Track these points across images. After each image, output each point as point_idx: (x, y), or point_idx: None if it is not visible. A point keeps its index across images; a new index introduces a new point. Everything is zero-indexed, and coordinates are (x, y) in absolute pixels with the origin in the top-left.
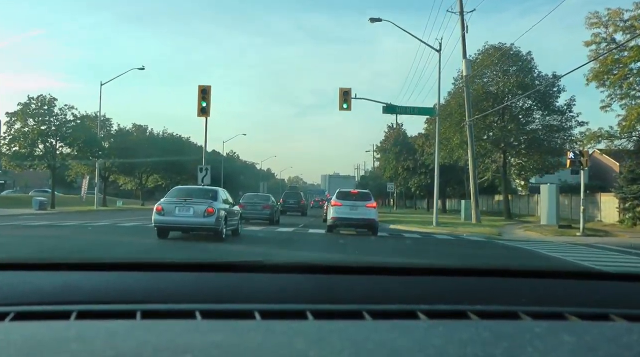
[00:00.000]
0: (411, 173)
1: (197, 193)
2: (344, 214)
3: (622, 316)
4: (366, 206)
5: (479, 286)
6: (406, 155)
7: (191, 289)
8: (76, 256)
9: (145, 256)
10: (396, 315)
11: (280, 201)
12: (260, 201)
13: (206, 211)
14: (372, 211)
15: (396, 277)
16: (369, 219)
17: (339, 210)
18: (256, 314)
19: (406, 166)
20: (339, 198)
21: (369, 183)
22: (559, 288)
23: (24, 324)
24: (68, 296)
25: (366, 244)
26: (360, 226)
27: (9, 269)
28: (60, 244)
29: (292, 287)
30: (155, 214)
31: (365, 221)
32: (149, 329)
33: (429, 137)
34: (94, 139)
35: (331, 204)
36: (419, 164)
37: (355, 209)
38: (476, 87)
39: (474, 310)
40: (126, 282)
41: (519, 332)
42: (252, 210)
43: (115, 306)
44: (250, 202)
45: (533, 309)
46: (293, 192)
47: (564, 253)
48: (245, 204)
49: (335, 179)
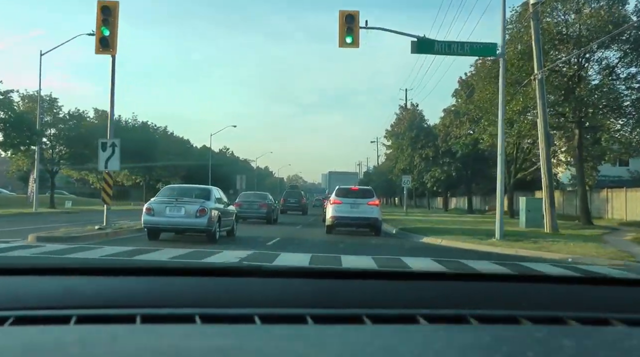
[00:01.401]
0: (430, 164)
1: (190, 192)
2: (344, 212)
3: (622, 320)
4: (368, 203)
5: (479, 290)
6: (425, 141)
7: (191, 293)
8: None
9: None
10: (396, 319)
11: (282, 200)
12: (257, 199)
13: (198, 212)
14: (374, 209)
15: (396, 282)
16: (371, 218)
17: (339, 208)
18: (256, 319)
19: (424, 155)
20: (339, 195)
21: (373, 180)
22: (559, 293)
23: (24, 329)
24: (68, 300)
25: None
26: (361, 226)
27: (8, 274)
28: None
29: (292, 291)
30: (144, 215)
31: (367, 220)
32: (149, 333)
33: (460, 114)
34: (25, 121)
35: (330, 202)
36: (441, 153)
37: (356, 207)
38: (546, 26)
39: (474, 314)
40: (126, 287)
41: (519, 337)
42: (249, 209)
43: (115, 310)
44: (247, 200)
45: (533, 313)
46: (294, 192)
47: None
48: (242, 202)
49: (336, 176)
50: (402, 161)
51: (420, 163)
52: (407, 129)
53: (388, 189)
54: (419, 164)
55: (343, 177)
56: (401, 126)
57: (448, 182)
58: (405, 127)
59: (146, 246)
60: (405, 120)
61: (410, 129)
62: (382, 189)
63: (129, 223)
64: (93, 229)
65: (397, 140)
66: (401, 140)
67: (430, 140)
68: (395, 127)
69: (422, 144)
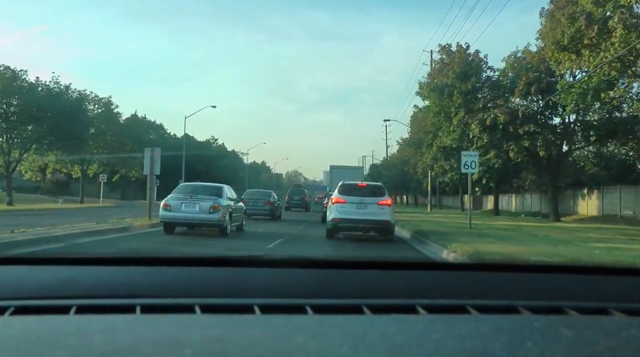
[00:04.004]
0: (501, 136)
1: (203, 190)
2: (348, 213)
3: (622, 310)
4: (378, 203)
5: (478, 280)
6: (490, 95)
7: (191, 283)
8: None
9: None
10: (396, 309)
11: (286, 197)
12: (262, 197)
13: (211, 208)
14: (385, 210)
15: (396, 272)
16: (381, 221)
17: (343, 209)
18: (256, 309)
19: (491, 118)
20: (343, 193)
21: (382, 174)
22: (558, 282)
23: (24, 319)
24: (67, 290)
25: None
26: (370, 229)
27: (8, 264)
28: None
29: (292, 281)
30: (162, 210)
31: (376, 222)
32: (149, 323)
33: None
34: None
35: (332, 200)
36: (525, 116)
37: (363, 207)
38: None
39: (473, 304)
40: (126, 277)
41: (519, 327)
42: (254, 206)
43: (115, 300)
44: (252, 198)
45: (532, 303)
46: (298, 190)
47: None
48: (247, 199)
49: (338, 171)
50: (448, 133)
51: (482, 135)
52: (457, 78)
53: (401, 185)
54: (478, 134)
55: (346, 173)
56: (447, 75)
57: (502, 170)
58: (453, 75)
59: None
60: (454, 65)
61: (464, 77)
62: (393, 185)
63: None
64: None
65: (438, 97)
66: (445, 100)
67: (498, 95)
68: (436, 78)
69: (483, 103)
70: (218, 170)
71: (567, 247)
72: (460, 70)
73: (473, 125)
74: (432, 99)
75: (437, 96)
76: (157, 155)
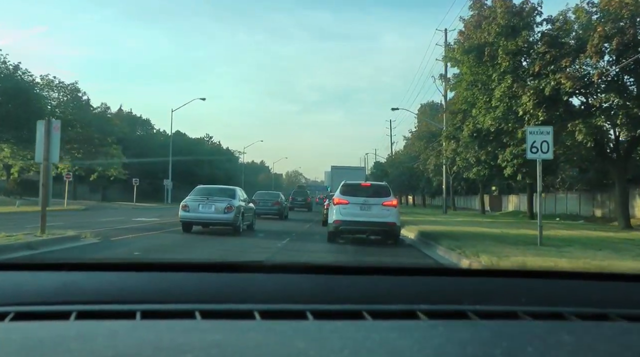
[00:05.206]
0: (563, 112)
1: (218, 192)
2: (351, 215)
3: (622, 316)
4: (383, 204)
5: (478, 286)
6: (550, 56)
7: (191, 289)
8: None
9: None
10: (396, 315)
11: (290, 198)
12: (271, 198)
13: (226, 208)
14: (391, 212)
15: (396, 278)
16: (386, 223)
17: (345, 210)
18: (256, 314)
19: (551, 86)
20: (345, 193)
21: (388, 172)
22: (558, 288)
23: (24, 324)
24: (68, 296)
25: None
26: (374, 232)
27: (8, 269)
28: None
29: (292, 287)
30: (181, 211)
31: (381, 225)
32: (149, 329)
33: None
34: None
35: (334, 201)
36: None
37: (367, 208)
38: None
39: (474, 310)
40: (126, 283)
41: (519, 332)
42: (264, 206)
43: (115, 306)
44: (262, 199)
45: (533, 309)
46: (301, 191)
47: None
48: (258, 200)
49: (339, 171)
50: (483, 114)
51: (536, 111)
52: (501, 33)
53: (407, 184)
54: (529, 112)
55: (348, 173)
56: (488, 30)
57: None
58: (497, 29)
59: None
60: (497, 16)
61: (511, 32)
62: (399, 184)
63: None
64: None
65: (477, 60)
66: (483, 67)
67: (562, 54)
68: (473, 36)
69: (540, 67)
70: (211, 169)
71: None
72: (506, 22)
73: (525, 97)
74: (465, 64)
75: (475, 59)
76: (55, 130)
